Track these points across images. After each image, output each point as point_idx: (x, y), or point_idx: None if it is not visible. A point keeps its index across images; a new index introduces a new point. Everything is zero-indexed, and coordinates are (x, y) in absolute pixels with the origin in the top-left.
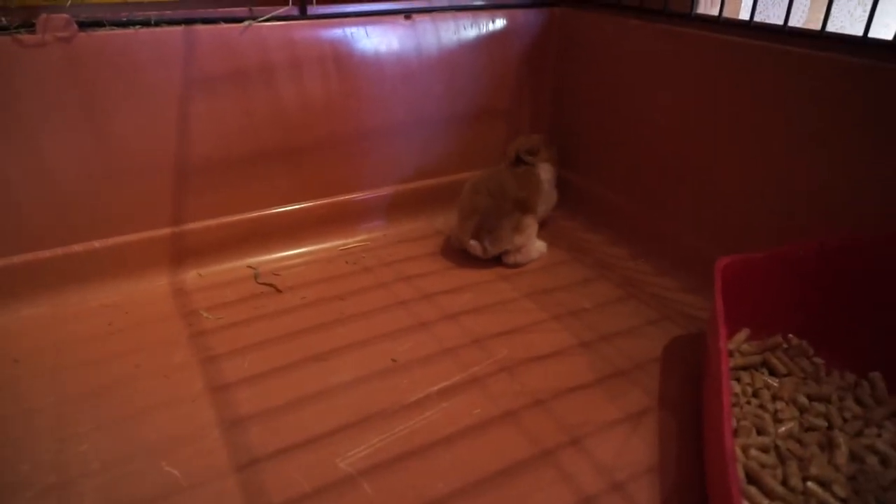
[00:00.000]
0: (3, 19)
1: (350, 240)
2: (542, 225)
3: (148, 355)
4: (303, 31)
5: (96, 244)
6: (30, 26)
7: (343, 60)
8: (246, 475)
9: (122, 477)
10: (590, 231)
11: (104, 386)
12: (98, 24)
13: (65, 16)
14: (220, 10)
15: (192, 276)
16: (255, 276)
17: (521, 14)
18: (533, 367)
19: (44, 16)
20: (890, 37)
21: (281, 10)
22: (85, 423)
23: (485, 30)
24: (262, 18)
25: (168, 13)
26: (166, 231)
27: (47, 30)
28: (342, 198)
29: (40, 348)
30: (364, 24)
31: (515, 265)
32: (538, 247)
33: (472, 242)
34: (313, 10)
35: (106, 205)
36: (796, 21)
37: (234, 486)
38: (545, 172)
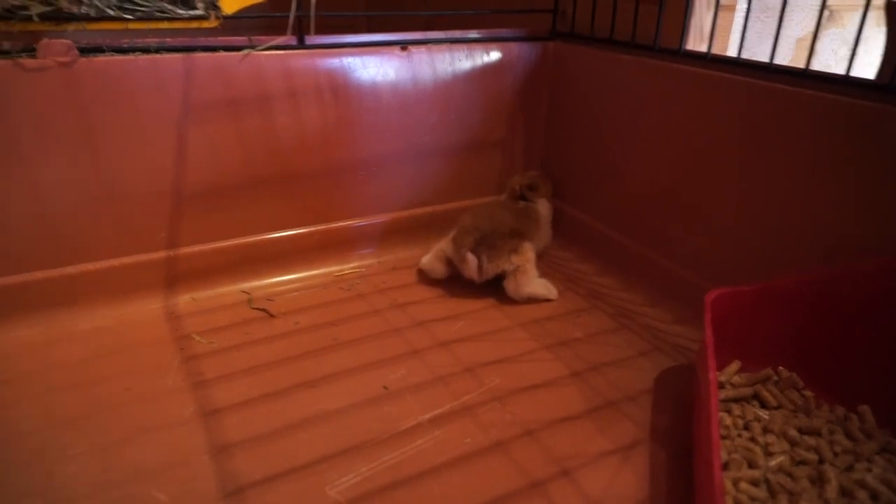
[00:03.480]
0: (5, 44)
1: (344, 266)
2: (538, 258)
3: (139, 379)
4: (300, 60)
5: (90, 266)
6: (31, 51)
7: (339, 90)
8: (233, 502)
9: (110, 501)
10: (583, 262)
11: (95, 409)
12: (98, 49)
13: (66, 41)
14: (220, 38)
15: (185, 300)
16: (249, 301)
17: (515, 47)
18: (524, 397)
19: (45, 41)
20: (872, 75)
21: (279, 40)
22: (74, 446)
23: (480, 62)
24: (260, 47)
25: (168, 41)
26: (161, 255)
27: (48, 55)
28: (337, 224)
29: (31, 370)
30: (361, 54)
31: (518, 296)
32: (543, 282)
33: (469, 256)
34: (311, 40)
35: (101, 227)
36: (782, 59)
37: None
38: (544, 209)
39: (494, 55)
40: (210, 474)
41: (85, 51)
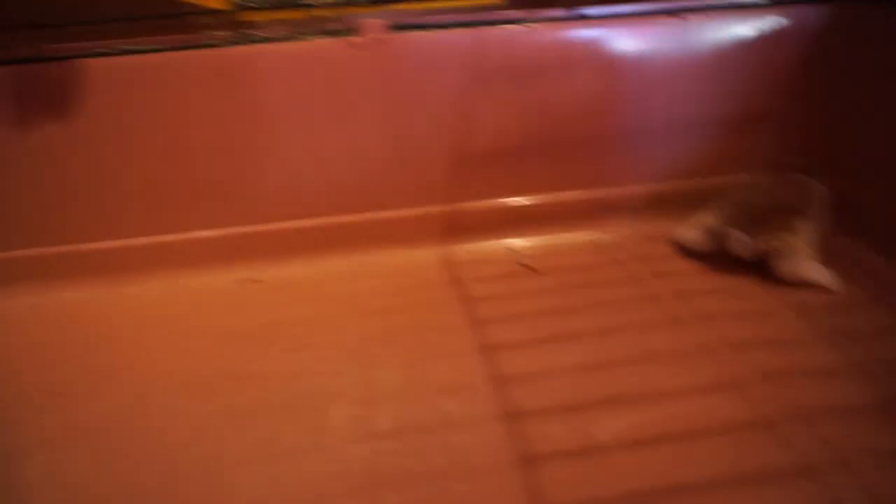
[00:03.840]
0: (333, 25)
1: (604, 233)
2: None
3: (428, 313)
4: (573, 31)
5: (388, 214)
6: (354, 30)
7: (610, 59)
8: (512, 423)
9: (410, 404)
10: (871, 251)
11: (396, 331)
12: (404, 26)
13: (381, 20)
14: (500, 13)
15: (458, 250)
16: (514, 257)
17: (800, 11)
18: (794, 380)
19: (365, 20)
20: None
21: (555, 12)
22: (384, 357)
23: (759, 29)
24: (536, 20)
25: (458, 17)
26: (442, 208)
27: (368, 32)
28: (600, 191)
29: (350, 293)
30: (633, 24)
31: (788, 277)
32: (819, 267)
33: (737, 232)
34: (584, 11)
35: (396, 181)
36: None
37: (502, 429)
38: (819, 191)
39: (776, 21)
40: (491, 397)
41: (394, 28)
